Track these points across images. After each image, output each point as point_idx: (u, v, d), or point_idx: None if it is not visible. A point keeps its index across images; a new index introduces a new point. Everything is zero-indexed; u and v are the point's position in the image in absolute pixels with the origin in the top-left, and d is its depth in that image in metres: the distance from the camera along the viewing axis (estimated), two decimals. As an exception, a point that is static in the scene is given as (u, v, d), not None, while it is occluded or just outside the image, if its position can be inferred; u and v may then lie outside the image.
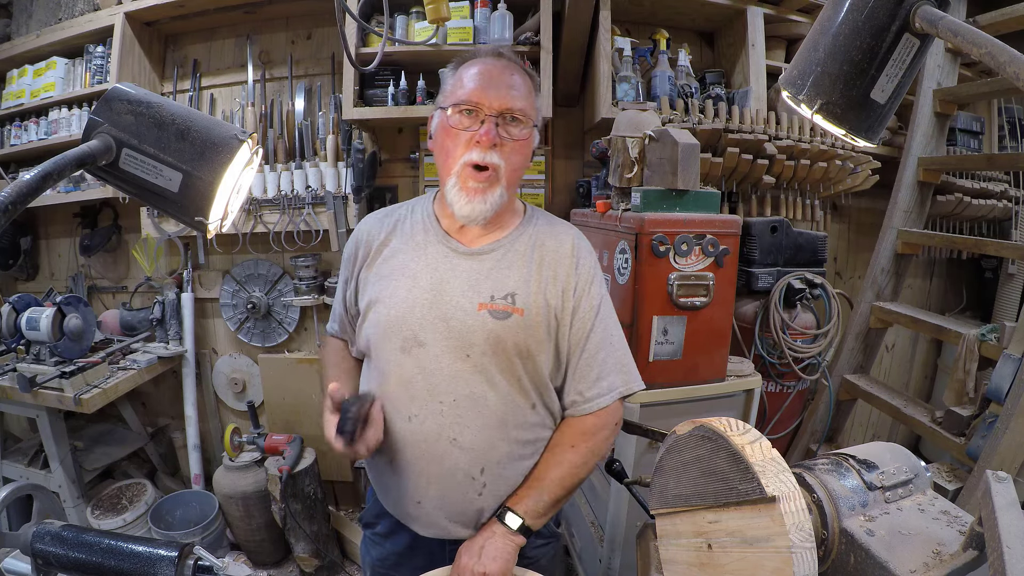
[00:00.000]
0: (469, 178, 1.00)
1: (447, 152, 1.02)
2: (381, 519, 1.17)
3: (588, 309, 1.06)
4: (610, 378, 1.06)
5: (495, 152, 0.99)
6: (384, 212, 1.19)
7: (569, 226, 1.15)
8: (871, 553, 0.61)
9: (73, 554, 0.95)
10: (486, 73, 1.01)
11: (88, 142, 0.65)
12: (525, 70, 1.06)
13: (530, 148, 1.06)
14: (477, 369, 1.01)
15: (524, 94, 1.02)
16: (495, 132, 0.98)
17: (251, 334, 2.69)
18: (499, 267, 1.05)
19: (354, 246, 1.15)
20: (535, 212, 1.16)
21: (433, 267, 1.06)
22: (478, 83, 1.00)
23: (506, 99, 0.99)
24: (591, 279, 1.08)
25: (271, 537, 2.42)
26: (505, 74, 1.01)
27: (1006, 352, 1.67)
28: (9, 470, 2.39)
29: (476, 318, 1.01)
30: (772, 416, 2.22)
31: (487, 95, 0.99)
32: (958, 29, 0.61)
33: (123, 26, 2.38)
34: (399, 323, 1.03)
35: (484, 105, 0.98)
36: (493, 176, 1.00)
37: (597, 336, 1.06)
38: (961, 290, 3.10)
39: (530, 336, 1.02)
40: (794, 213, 2.22)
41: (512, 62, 1.05)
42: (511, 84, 1.01)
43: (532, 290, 1.04)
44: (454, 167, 1.01)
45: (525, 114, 1.01)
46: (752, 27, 2.32)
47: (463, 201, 1.01)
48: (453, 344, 1.01)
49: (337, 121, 2.43)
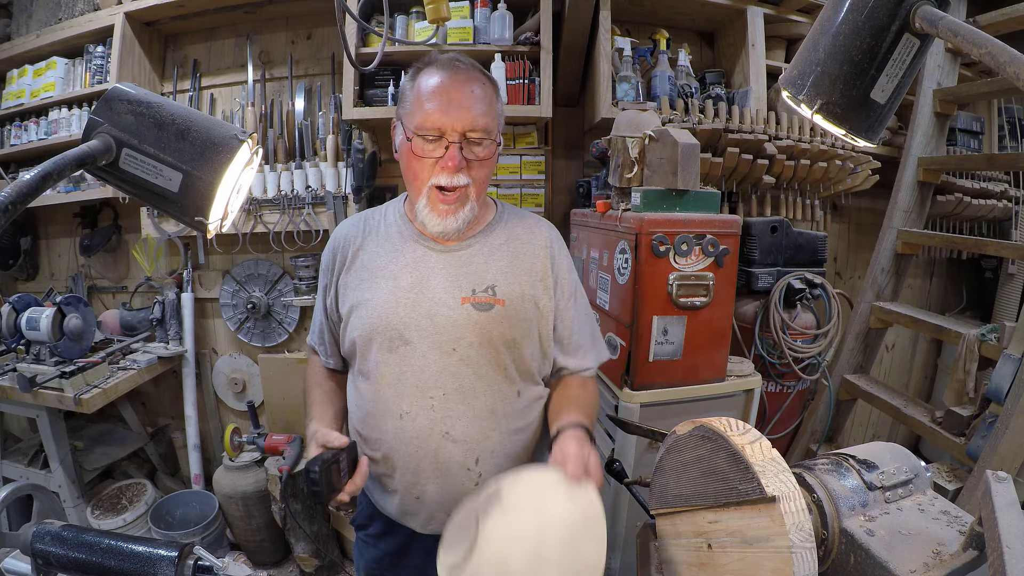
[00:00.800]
0: (439, 200, 1.02)
1: (414, 174, 1.03)
2: (374, 520, 1.17)
3: (567, 296, 1.14)
4: (589, 352, 1.18)
5: (462, 174, 1.00)
6: (357, 217, 1.19)
7: (539, 218, 1.20)
8: (871, 553, 0.61)
9: (73, 554, 0.95)
10: (445, 92, 0.98)
11: (88, 142, 0.65)
12: (484, 75, 1.05)
13: (495, 160, 1.07)
14: (464, 362, 1.04)
15: (485, 108, 1.01)
16: (460, 157, 0.99)
17: (251, 334, 2.69)
18: (476, 261, 1.08)
19: (331, 253, 1.15)
20: (505, 207, 1.20)
21: (412, 266, 1.07)
22: (438, 105, 0.98)
23: (467, 120, 0.98)
24: (566, 267, 1.15)
25: (271, 537, 2.42)
26: (464, 90, 0.99)
27: (1006, 352, 1.67)
28: (9, 470, 2.39)
29: (460, 312, 1.04)
30: (772, 416, 2.22)
31: (448, 118, 0.97)
32: (958, 29, 0.61)
33: (123, 26, 2.38)
34: (383, 323, 1.04)
35: (447, 130, 0.98)
36: (462, 194, 1.02)
37: (578, 318, 1.15)
38: (961, 290, 3.10)
39: (513, 325, 1.06)
40: (794, 213, 2.23)
41: (470, 71, 1.02)
42: (471, 101, 0.99)
43: (511, 281, 1.08)
44: (423, 189, 1.02)
45: (488, 131, 1.01)
46: (752, 27, 2.32)
47: (435, 220, 1.03)
48: (439, 340, 1.03)
49: (337, 121, 2.43)
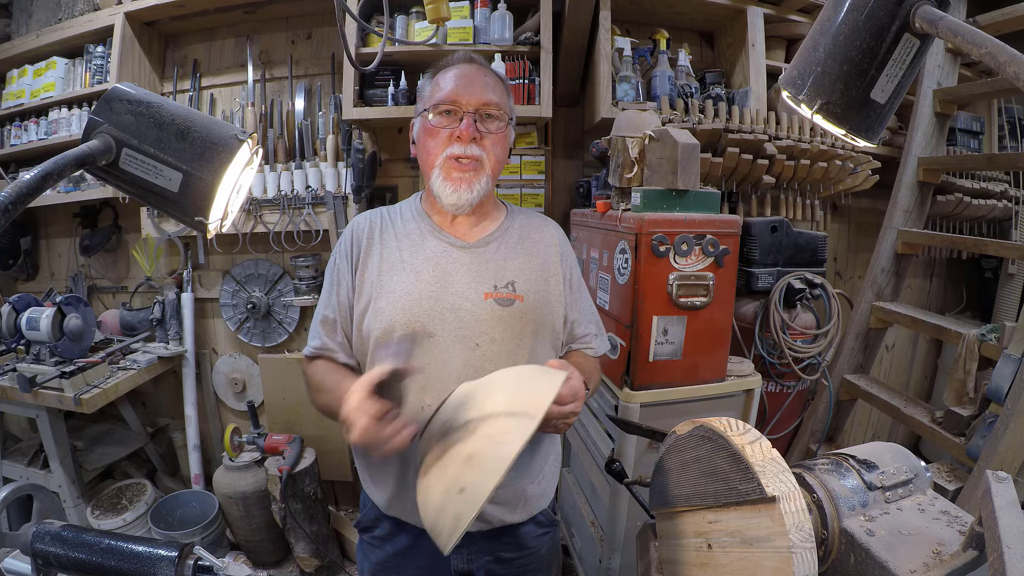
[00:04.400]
0: (453, 169, 1.05)
1: (428, 150, 1.07)
2: (381, 522, 1.17)
3: (575, 290, 1.21)
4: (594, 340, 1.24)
5: (475, 145, 1.05)
6: (374, 212, 1.20)
7: (545, 217, 1.27)
8: (871, 553, 0.61)
9: (73, 554, 0.95)
10: (461, 75, 1.07)
11: (88, 142, 0.65)
12: (496, 74, 1.13)
13: (508, 142, 1.13)
14: (487, 357, 1.05)
15: (498, 93, 1.09)
16: (474, 127, 1.04)
17: (251, 334, 2.69)
18: (496, 258, 1.11)
19: (349, 241, 1.14)
20: (513, 208, 1.24)
21: (434, 261, 1.09)
22: (454, 84, 1.06)
23: (481, 96, 1.05)
24: (571, 262, 1.22)
25: (271, 537, 2.42)
26: (479, 75, 1.08)
27: (1006, 352, 1.67)
28: (9, 470, 2.39)
29: (484, 307, 1.06)
30: (772, 416, 2.22)
31: (463, 93, 1.05)
32: (958, 29, 0.61)
33: (123, 26, 2.38)
34: (407, 316, 1.05)
35: (462, 102, 1.04)
36: (477, 164, 1.06)
37: (585, 310, 1.23)
38: (961, 290, 3.10)
39: (532, 320, 1.10)
40: (794, 213, 2.23)
41: (484, 66, 1.12)
42: (485, 83, 1.07)
43: (528, 277, 1.11)
44: (437, 161, 1.06)
45: (500, 108, 1.08)
46: (752, 27, 2.32)
47: (449, 190, 1.05)
48: (463, 334, 1.05)
49: (337, 121, 2.43)
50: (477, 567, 1.15)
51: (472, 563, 1.14)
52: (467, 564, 1.14)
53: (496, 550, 1.15)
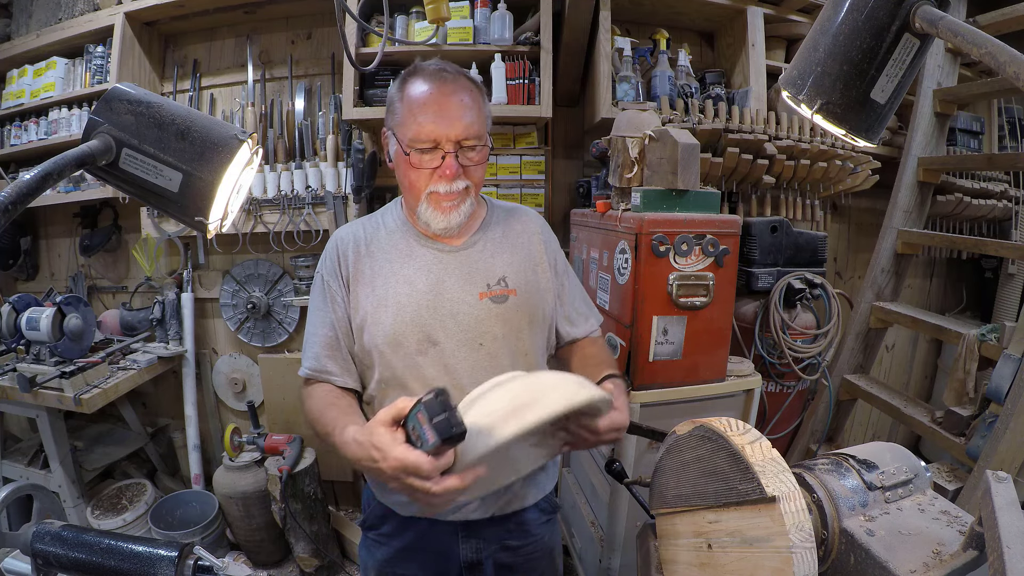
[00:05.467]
0: (441, 199, 1.04)
1: (411, 183, 1.05)
2: (387, 520, 1.17)
3: (561, 274, 1.23)
4: (591, 318, 1.27)
5: (460, 180, 1.03)
6: (355, 225, 1.19)
7: (524, 208, 1.27)
8: (871, 553, 0.61)
9: (73, 554, 0.95)
10: (436, 103, 0.99)
11: (88, 142, 0.65)
12: (470, 80, 1.05)
13: (487, 159, 1.11)
14: (492, 355, 1.08)
15: (476, 115, 1.02)
16: (456, 165, 1.01)
17: (251, 334, 2.69)
18: (484, 256, 1.13)
19: (335, 258, 1.13)
20: (492, 202, 1.24)
21: (427, 269, 1.09)
22: (431, 117, 0.99)
23: (460, 128, 1.00)
24: (555, 248, 1.24)
25: (271, 537, 2.42)
26: (454, 100, 1.00)
27: (1006, 352, 1.67)
28: (9, 470, 2.39)
29: (481, 307, 1.08)
30: (772, 416, 2.22)
31: (441, 129, 0.99)
32: (958, 29, 0.61)
33: (123, 26, 2.38)
34: (409, 327, 1.05)
35: (441, 139, 0.99)
36: (463, 193, 1.05)
37: (574, 291, 1.25)
38: (961, 290, 3.10)
39: (527, 312, 1.12)
40: (794, 213, 2.22)
41: (457, 79, 1.03)
42: (462, 110, 1.00)
43: (517, 270, 1.13)
44: (421, 196, 1.04)
45: (480, 137, 1.03)
46: (752, 27, 2.32)
47: (438, 218, 1.05)
48: (466, 337, 1.06)
49: (337, 121, 2.43)
50: (485, 556, 1.16)
51: (481, 552, 1.15)
52: (475, 554, 1.15)
53: (503, 538, 1.17)
